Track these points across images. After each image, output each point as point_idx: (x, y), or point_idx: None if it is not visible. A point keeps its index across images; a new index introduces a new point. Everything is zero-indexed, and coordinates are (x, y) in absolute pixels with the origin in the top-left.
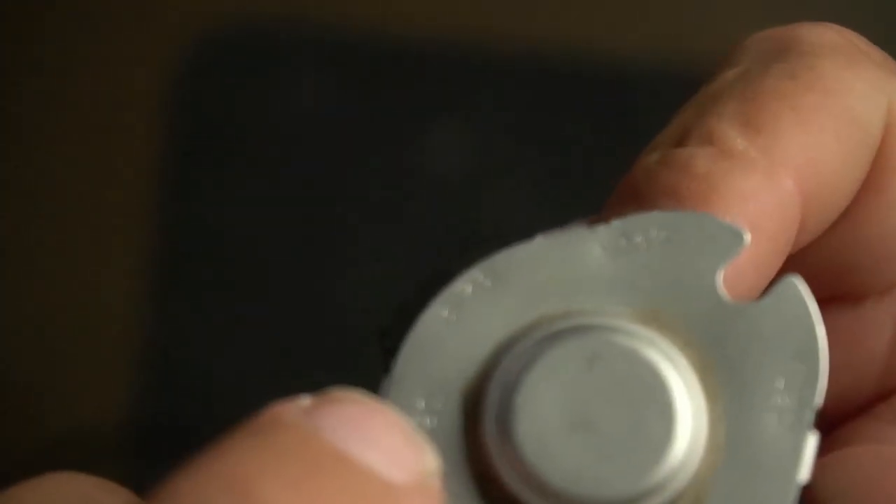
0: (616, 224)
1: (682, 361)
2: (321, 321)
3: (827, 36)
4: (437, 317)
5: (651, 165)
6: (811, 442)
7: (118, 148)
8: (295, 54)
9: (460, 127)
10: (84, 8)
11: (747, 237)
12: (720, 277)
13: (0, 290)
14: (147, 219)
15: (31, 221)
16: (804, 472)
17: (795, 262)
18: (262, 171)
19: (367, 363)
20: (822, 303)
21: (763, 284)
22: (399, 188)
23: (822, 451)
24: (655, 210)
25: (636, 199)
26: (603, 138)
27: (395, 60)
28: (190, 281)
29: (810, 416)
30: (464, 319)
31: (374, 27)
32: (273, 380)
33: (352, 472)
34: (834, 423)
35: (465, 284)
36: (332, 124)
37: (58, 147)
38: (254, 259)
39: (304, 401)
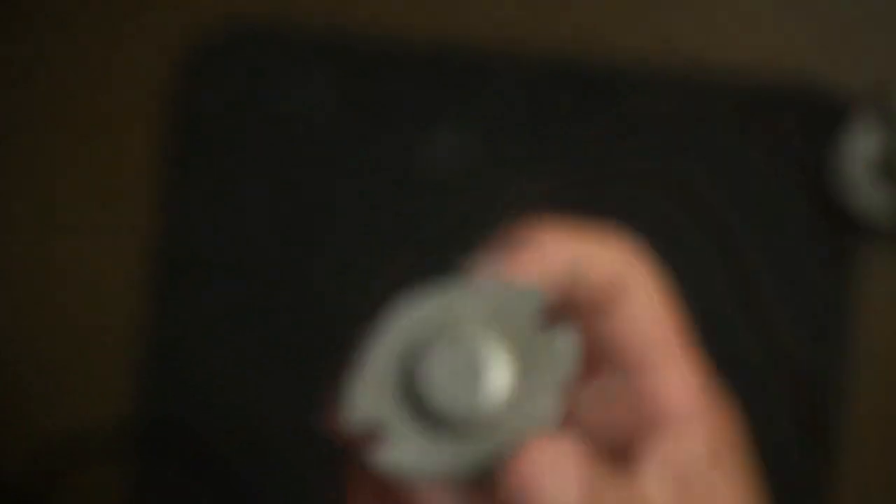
0: (486, 285)
1: (504, 354)
2: (321, 321)
3: None
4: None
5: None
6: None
7: (118, 147)
8: (294, 54)
9: (460, 127)
10: (84, 8)
11: (543, 295)
12: (535, 315)
13: (0, 291)
14: (147, 218)
15: (31, 221)
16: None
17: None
18: (262, 171)
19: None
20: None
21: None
22: (399, 188)
23: None
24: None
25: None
26: (603, 139)
27: (394, 60)
28: (190, 281)
29: (561, 384)
30: (381, 346)
31: (374, 27)
32: (273, 379)
33: None
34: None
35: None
36: (332, 124)
37: (58, 147)
38: (253, 259)
39: None
